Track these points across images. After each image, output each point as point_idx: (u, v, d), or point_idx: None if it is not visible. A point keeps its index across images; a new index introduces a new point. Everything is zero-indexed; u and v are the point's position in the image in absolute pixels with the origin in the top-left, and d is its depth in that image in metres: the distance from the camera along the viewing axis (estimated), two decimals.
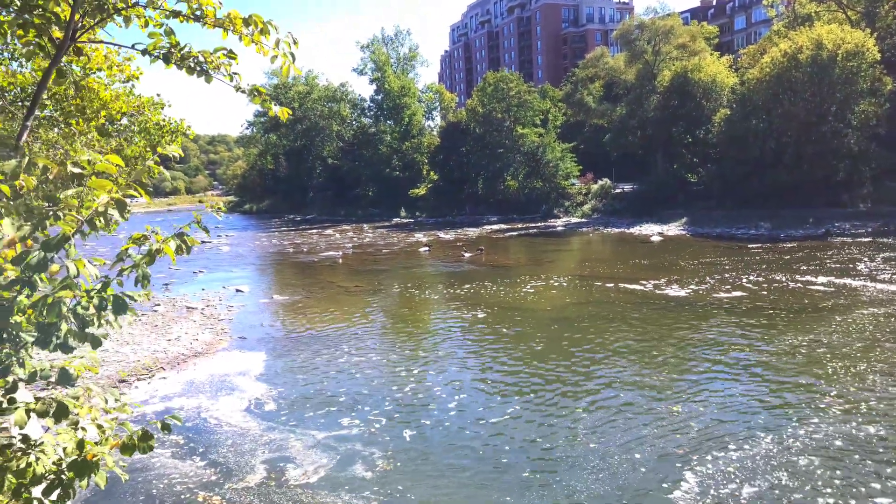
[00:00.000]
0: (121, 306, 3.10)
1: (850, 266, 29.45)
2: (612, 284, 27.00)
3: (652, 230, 49.52)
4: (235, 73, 4.73)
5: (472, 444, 12.06)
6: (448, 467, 11.20)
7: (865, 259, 31.21)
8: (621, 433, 12.28)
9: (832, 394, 13.89)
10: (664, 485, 10.31)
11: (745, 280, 27.13)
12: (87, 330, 3.23)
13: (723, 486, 10.19)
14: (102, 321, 3.28)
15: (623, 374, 15.56)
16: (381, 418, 13.48)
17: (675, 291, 25.24)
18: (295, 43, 4.59)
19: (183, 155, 10.30)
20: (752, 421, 12.65)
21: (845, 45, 45.94)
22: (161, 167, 3.51)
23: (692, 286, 26.21)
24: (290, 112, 3.90)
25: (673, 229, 49.46)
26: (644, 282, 27.41)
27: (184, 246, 3.07)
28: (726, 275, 28.55)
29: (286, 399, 14.94)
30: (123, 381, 16.36)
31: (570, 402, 14.00)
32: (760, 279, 27.18)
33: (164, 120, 10.62)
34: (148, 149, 9.90)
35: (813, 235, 41.30)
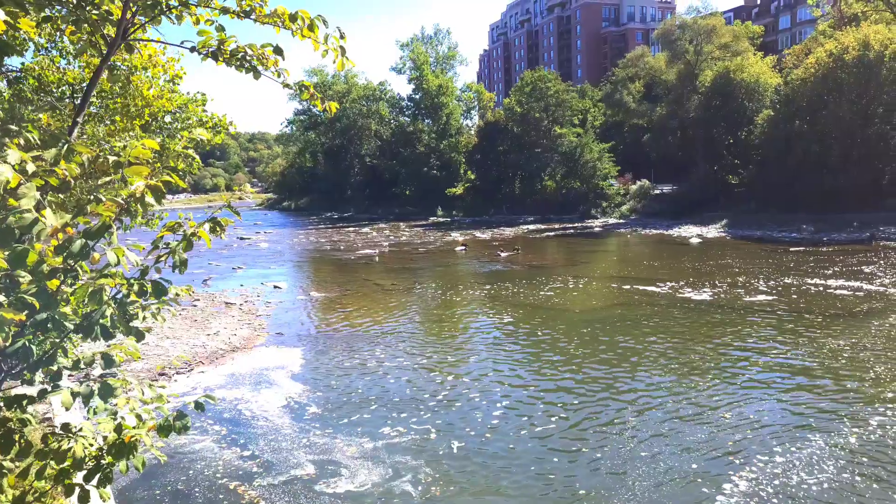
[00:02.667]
0: (160, 290, 3.14)
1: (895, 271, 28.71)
2: (650, 286, 26.62)
3: (691, 232, 48.70)
4: (282, 70, 4.74)
5: (519, 455, 11.70)
6: (496, 481, 10.73)
7: None
8: (669, 442, 11.96)
9: (881, 398, 13.44)
10: (723, 496, 10.02)
11: (786, 284, 26.43)
12: (131, 324, 3.28)
13: (782, 495, 9.91)
14: (147, 314, 3.32)
15: (666, 380, 15.27)
16: (420, 426, 13.12)
17: (714, 294, 24.75)
18: (343, 37, 4.58)
19: (210, 138, 10.39)
20: (804, 427, 12.30)
21: (893, 45, 44.56)
22: (193, 152, 3.53)
23: (732, 289, 25.65)
24: (338, 105, 3.88)
25: (713, 231, 48.58)
26: (683, 284, 26.93)
27: (218, 228, 3.09)
28: (767, 278, 27.85)
29: (323, 399, 14.98)
30: (163, 374, 16.68)
31: (614, 409, 13.68)
32: (802, 283, 26.45)
33: (206, 115, 10.76)
34: (179, 136, 10.02)
35: (857, 240, 40.15)
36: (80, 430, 3.59)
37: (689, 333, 19.18)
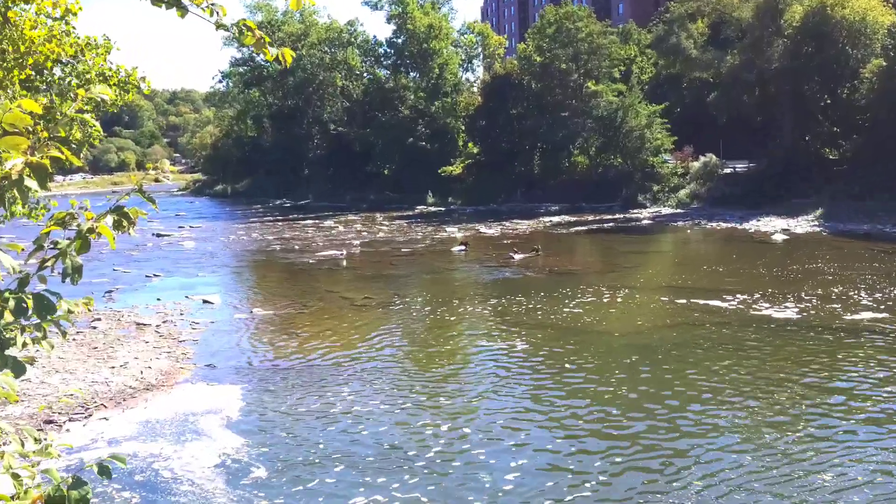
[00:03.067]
0: (46, 307, 3.11)
1: None
2: (715, 300, 26.75)
3: (774, 226, 49.06)
4: (216, 4, 4.67)
5: None
6: None
7: None
8: None
9: None
10: None
11: None
12: (5, 352, 3.23)
13: None
14: (27, 338, 3.28)
15: (739, 434, 15.20)
16: (404, 495, 13.10)
17: (803, 311, 24.88)
18: None
19: (114, 98, 10.23)
20: None
21: None
22: (92, 118, 3.49)
23: (827, 304, 25.80)
24: (293, 54, 3.91)
25: (803, 225, 48.99)
26: (760, 297, 27.10)
27: (126, 222, 3.06)
28: (875, 289, 28.06)
29: (270, 456, 14.98)
30: (51, 421, 16.67)
31: (669, 474, 13.57)
32: None
33: (110, 67, 10.74)
34: (73, 95, 9.94)
35: None
36: None
37: (769, 366, 19.26)
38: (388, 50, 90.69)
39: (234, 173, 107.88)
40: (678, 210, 61.06)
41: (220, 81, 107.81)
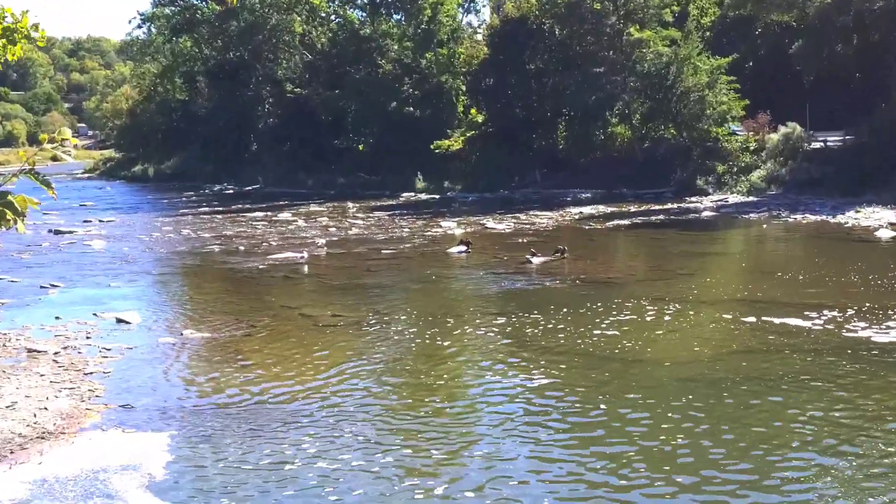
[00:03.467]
0: None
1: None
2: (798, 319, 26.70)
3: (878, 218, 49.43)
4: None
5: None
6: None
7: None
8: None
9: None
10: None
11: None
12: None
13: None
14: None
15: (834, 495, 15.16)
16: None
17: None
18: None
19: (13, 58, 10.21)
20: None
21: None
22: None
23: None
24: None
25: None
26: (856, 314, 27.16)
27: (10, 214, 3.11)
28: None
29: None
30: None
31: None
32: None
33: None
34: None
35: None
36: None
37: (871, 408, 19.19)
38: None
39: (159, 150, 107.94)
40: (750, 198, 61.32)
41: (140, 27, 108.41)
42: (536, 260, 39.61)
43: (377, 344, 26.52)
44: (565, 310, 29.40)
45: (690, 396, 20.23)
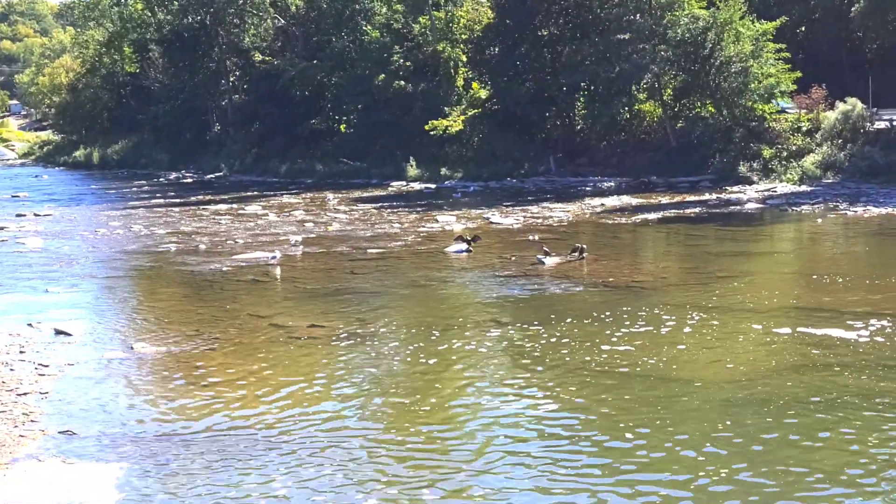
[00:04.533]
0: None
1: None
2: (859, 332, 26.45)
3: None
4: None
5: None
6: None
7: None
8: None
9: None
10: None
11: None
12: None
13: None
14: None
15: None
16: None
17: None
18: None
19: None
20: None
21: None
22: None
23: None
24: None
25: None
26: None
27: None
28: None
29: None
30: None
31: None
32: None
33: None
34: None
35: None
36: None
37: None
38: None
39: (105, 131, 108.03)
40: (802, 187, 61.24)
41: None
42: (549, 261, 39.51)
43: (361, 361, 26.36)
44: (583, 320, 29.19)
45: (729, 422, 19.95)
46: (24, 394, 23.70)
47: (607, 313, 29.96)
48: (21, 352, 27.74)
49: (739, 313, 29.91)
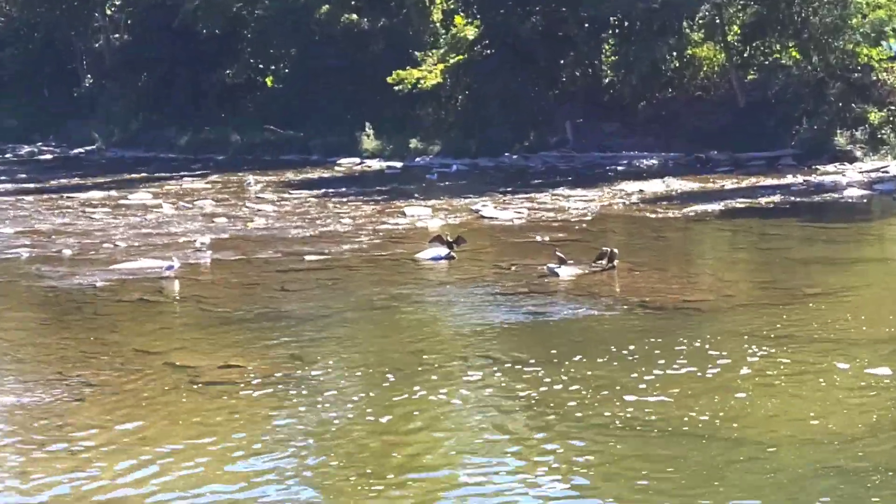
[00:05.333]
0: None
1: None
2: None
3: None
4: None
5: None
6: None
7: None
8: None
9: None
10: None
11: None
12: None
13: None
14: None
15: None
16: None
17: None
18: None
19: None
20: None
21: None
22: None
23: None
24: None
25: None
26: None
27: None
28: None
29: None
30: None
31: None
32: None
33: None
34: None
35: None
36: None
37: None
38: None
39: None
40: None
41: None
42: (565, 271, 39.56)
43: (293, 419, 25.85)
44: (609, 357, 28.97)
45: (825, 499, 20.25)
46: None
47: (645, 347, 29.74)
48: None
49: (831, 347, 29.73)
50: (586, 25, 75.44)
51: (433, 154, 74.54)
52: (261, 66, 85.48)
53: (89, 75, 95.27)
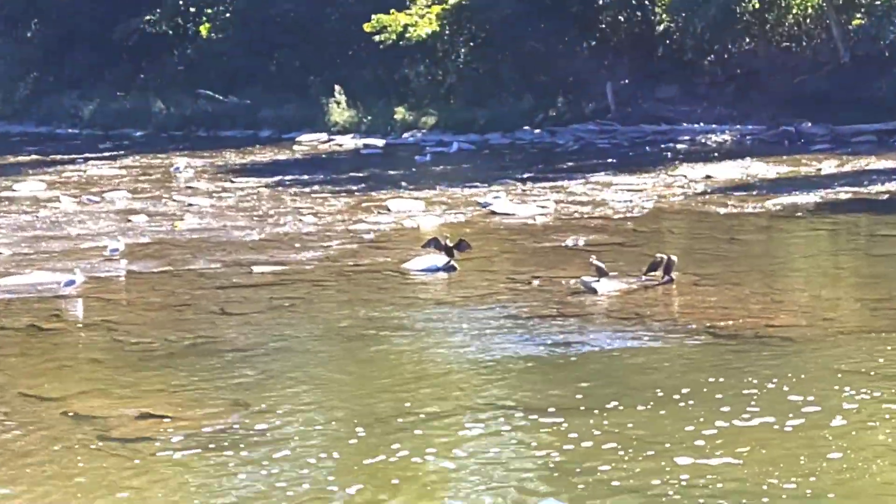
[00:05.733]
0: None
1: None
2: None
3: None
4: None
5: None
6: None
7: None
8: None
9: None
10: None
11: None
12: None
13: None
14: None
15: None
16: None
17: None
18: None
19: None
20: None
21: None
22: None
23: None
24: None
25: None
26: None
27: None
28: None
29: None
30: None
31: None
32: None
33: None
34: None
35: None
36: None
37: None
38: None
39: None
40: None
41: None
42: (605, 287, 39.52)
43: (239, 487, 25.41)
44: (664, 403, 28.59)
45: None
46: None
47: (708, 390, 29.49)
48: None
49: None
50: None
51: (426, 128, 74.72)
52: (192, 9, 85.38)
53: None
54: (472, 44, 78.14)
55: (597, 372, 32.20)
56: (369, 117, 76.07)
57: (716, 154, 64.26)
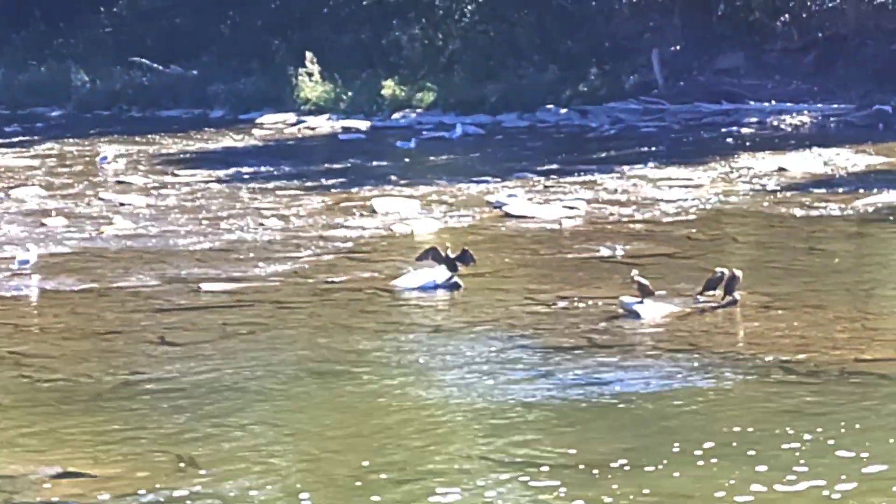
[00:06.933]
0: None
1: None
2: None
3: None
4: None
5: None
6: None
7: None
8: None
9: None
10: None
11: None
12: None
13: None
14: None
15: None
16: None
17: None
18: None
19: None
20: None
21: None
22: None
23: None
24: None
25: None
26: None
27: None
28: None
29: None
30: None
31: None
32: None
33: None
34: None
35: None
36: None
37: None
38: None
39: None
40: None
41: None
42: (650, 310, 39.57)
43: None
44: (721, 455, 28.17)
45: None
46: None
47: (780, 440, 29.27)
48: None
49: None
50: None
51: (423, 107, 74.89)
52: None
53: None
54: (479, 1, 78.35)
55: (638, 420, 31.97)
56: (349, 93, 76.30)
57: (791, 140, 64.46)
